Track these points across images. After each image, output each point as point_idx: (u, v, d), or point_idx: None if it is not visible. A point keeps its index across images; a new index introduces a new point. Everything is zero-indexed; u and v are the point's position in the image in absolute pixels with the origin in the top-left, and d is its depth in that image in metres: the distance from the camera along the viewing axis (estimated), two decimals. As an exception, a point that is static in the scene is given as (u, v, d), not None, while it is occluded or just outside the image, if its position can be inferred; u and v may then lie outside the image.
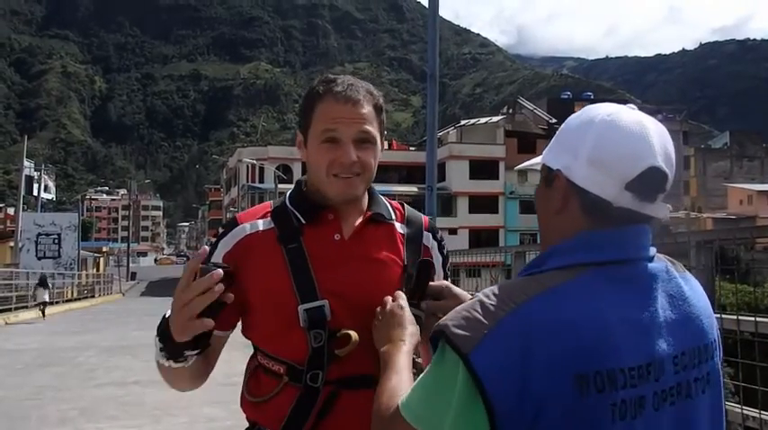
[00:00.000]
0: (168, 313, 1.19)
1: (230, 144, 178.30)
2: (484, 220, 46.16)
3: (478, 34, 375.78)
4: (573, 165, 0.97)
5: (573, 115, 1.04)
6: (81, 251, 34.92)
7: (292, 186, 1.45)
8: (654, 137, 0.97)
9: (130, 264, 59.11)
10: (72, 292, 29.38)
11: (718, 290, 3.27)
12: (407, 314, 1.26)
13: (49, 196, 40.55)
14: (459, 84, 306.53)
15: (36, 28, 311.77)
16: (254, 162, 42.69)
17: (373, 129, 1.33)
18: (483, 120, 54.87)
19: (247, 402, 1.36)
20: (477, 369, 0.84)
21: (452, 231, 42.05)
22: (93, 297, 32.20)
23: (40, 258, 30.78)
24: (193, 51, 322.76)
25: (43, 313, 18.91)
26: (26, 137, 37.34)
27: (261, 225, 1.34)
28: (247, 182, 49.01)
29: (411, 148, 53.22)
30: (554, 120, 51.36)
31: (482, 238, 44.07)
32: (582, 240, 0.96)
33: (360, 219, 1.37)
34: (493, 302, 0.89)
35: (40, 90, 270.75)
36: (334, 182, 1.31)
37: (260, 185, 47.80)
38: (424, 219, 1.50)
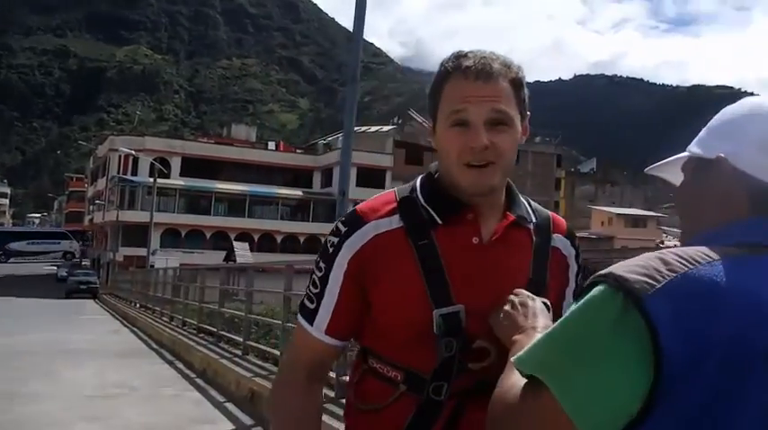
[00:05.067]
0: None
1: (98, 131, 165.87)
2: (368, 228, 46.21)
3: (372, 43, 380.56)
4: (739, 151, 0.89)
5: (726, 108, 0.97)
6: None
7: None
8: None
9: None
10: None
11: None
12: (539, 305, 1.15)
13: None
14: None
15: None
16: (132, 152, 39.76)
17: (509, 108, 1.16)
18: (373, 128, 55.21)
19: (354, 410, 1.24)
20: (653, 316, 0.73)
21: (337, 237, 41.60)
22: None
23: None
24: (62, 25, 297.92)
25: None
26: None
27: (389, 223, 1.20)
28: (119, 173, 45.73)
29: (298, 151, 52.27)
30: (440, 135, 52.72)
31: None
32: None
33: (500, 221, 1.23)
34: (673, 258, 0.79)
35: None
36: (466, 171, 1.16)
37: (133, 178, 44.78)
38: (556, 219, 1.33)
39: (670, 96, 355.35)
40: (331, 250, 1.20)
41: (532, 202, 1.31)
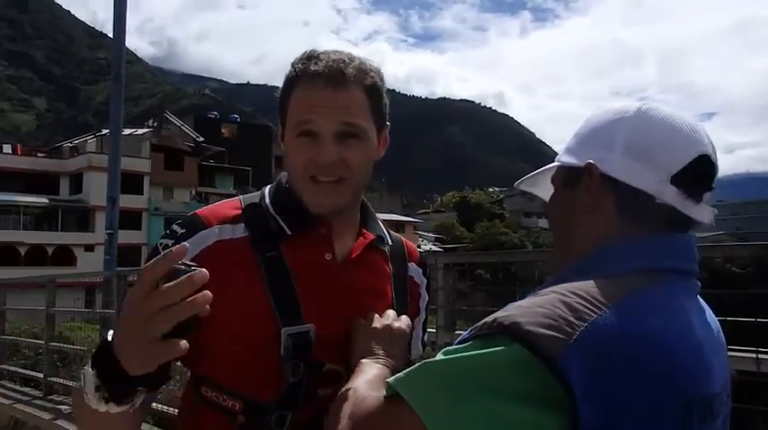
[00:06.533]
0: (112, 334, 0.85)
1: None
2: (126, 237, 42.99)
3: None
4: (607, 156, 0.85)
5: (593, 114, 0.93)
6: None
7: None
8: (700, 127, 0.84)
9: None
10: None
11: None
12: (402, 330, 1.09)
13: None
14: (93, 90, 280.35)
15: None
16: None
17: (362, 120, 1.05)
18: (127, 131, 51.45)
19: None
20: (566, 376, 0.67)
21: (89, 248, 38.23)
22: None
23: None
24: None
25: None
26: None
27: (233, 231, 1.07)
28: None
29: (39, 155, 46.66)
30: (201, 139, 51.15)
31: (123, 256, 40.78)
32: (657, 242, 0.82)
33: (356, 240, 1.15)
34: (578, 302, 0.72)
35: None
36: (311, 187, 1.06)
37: None
38: (409, 246, 1.28)
39: (420, 107, 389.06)
40: (165, 252, 1.00)
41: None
